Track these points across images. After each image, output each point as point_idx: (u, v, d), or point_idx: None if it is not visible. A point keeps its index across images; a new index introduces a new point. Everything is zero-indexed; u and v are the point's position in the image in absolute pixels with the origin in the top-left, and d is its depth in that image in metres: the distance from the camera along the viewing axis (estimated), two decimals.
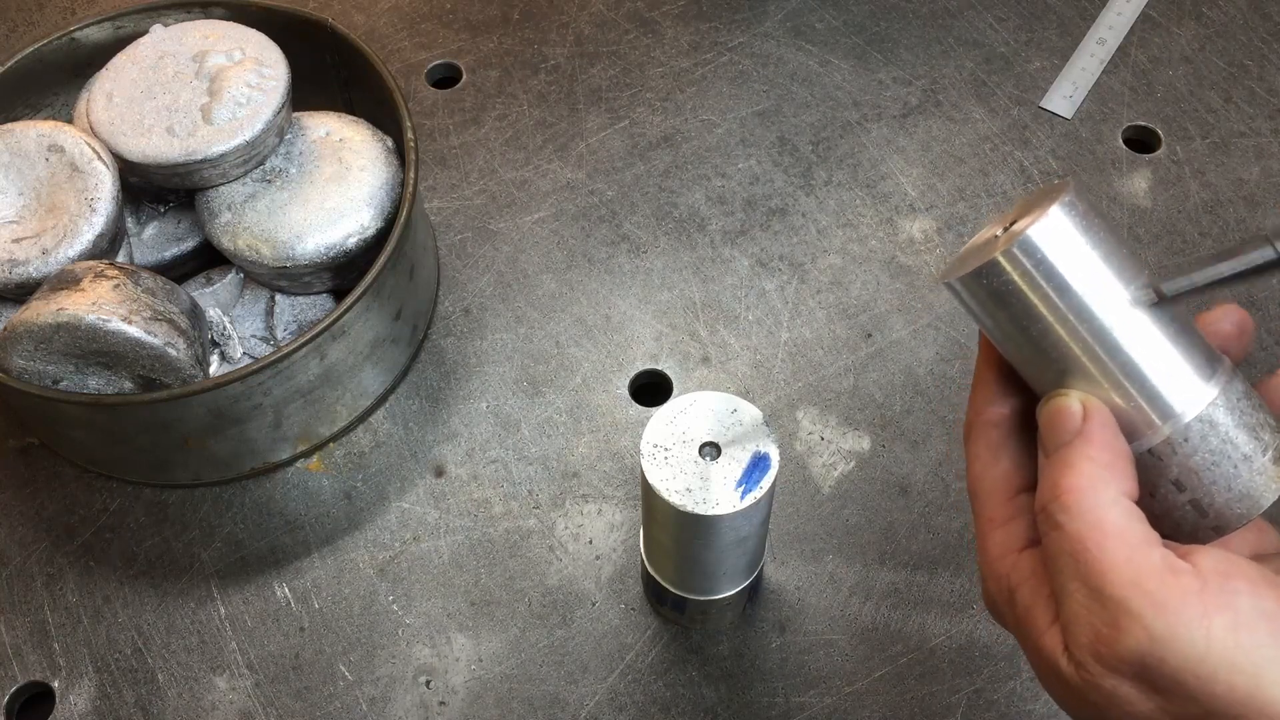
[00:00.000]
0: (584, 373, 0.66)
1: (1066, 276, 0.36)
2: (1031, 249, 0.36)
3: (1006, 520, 0.39)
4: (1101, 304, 0.37)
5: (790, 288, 0.69)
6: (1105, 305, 0.37)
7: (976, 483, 0.40)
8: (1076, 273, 0.36)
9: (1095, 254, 0.37)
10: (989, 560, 0.39)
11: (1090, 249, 0.37)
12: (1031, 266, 0.36)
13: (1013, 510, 0.39)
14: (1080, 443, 0.36)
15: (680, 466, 0.48)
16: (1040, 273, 0.36)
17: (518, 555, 0.61)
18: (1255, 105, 0.76)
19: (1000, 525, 0.39)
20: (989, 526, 0.39)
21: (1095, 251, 0.37)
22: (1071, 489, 0.35)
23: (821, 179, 0.74)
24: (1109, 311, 0.37)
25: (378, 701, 0.57)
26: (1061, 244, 0.36)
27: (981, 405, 0.40)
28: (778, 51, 0.80)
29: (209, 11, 0.68)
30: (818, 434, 0.64)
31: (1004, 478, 0.40)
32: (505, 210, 0.73)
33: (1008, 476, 0.40)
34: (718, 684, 0.57)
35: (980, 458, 0.40)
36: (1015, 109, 0.76)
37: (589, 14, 0.82)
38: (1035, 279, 0.36)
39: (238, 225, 0.62)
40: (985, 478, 0.40)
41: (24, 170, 0.61)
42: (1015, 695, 0.56)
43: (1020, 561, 0.38)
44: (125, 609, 0.60)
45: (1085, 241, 0.37)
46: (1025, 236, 0.36)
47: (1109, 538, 0.35)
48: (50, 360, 0.56)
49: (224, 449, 0.60)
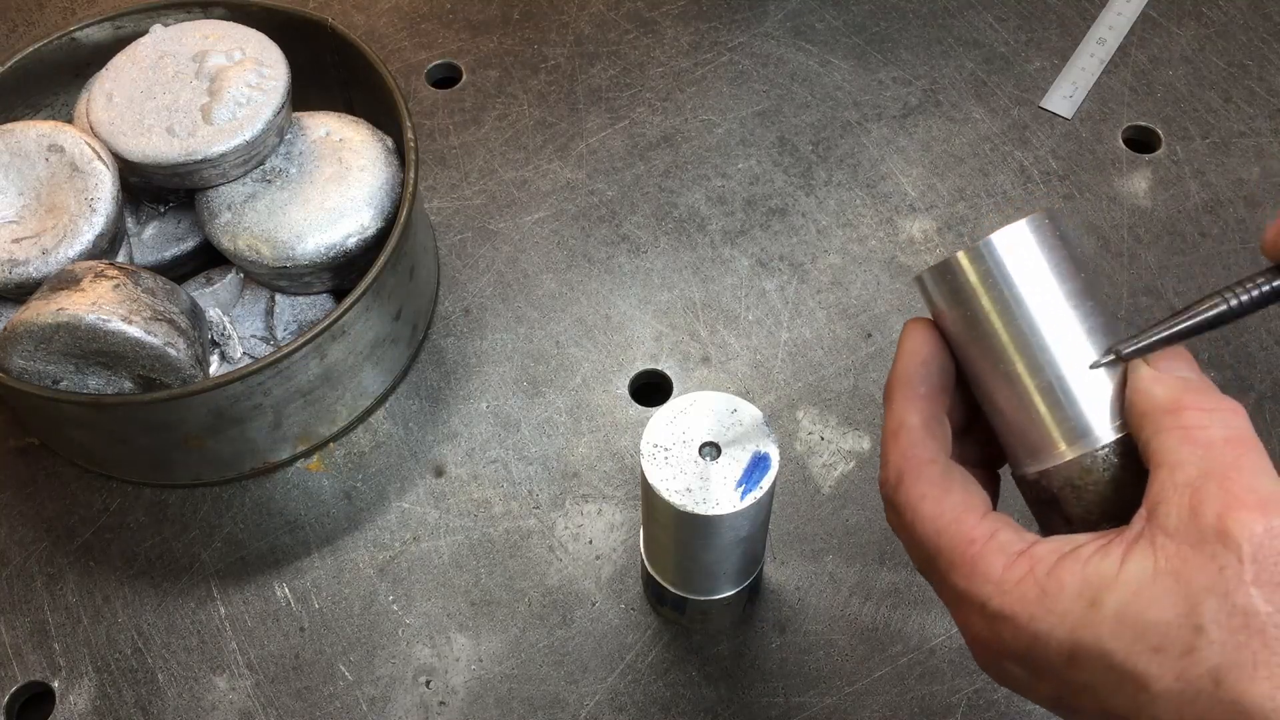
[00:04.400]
0: (584, 373, 0.66)
1: (1017, 285, 0.39)
2: (989, 252, 0.39)
3: (993, 533, 0.37)
4: (1044, 322, 0.38)
5: (790, 288, 0.69)
6: (1048, 324, 0.38)
7: (936, 518, 0.38)
8: (1026, 284, 0.39)
9: (1049, 271, 0.39)
10: (997, 578, 0.36)
11: (1046, 266, 0.39)
12: (985, 269, 0.39)
13: (993, 522, 0.38)
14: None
15: (680, 466, 0.48)
16: (994, 275, 0.39)
17: (518, 555, 0.61)
18: (1255, 105, 0.76)
19: (990, 539, 0.37)
20: (977, 547, 0.37)
21: (1050, 269, 0.39)
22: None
23: (821, 179, 0.74)
24: (1050, 330, 0.38)
25: (378, 701, 0.57)
26: (1019, 254, 0.39)
27: (910, 450, 0.39)
28: (778, 51, 0.80)
29: (209, 11, 0.68)
30: (818, 434, 0.64)
31: (964, 500, 0.38)
32: (505, 210, 0.73)
33: (966, 499, 0.38)
34: (718, 684, 0.57)
35: (929, 495, 0.38)
36: (1015, 109, 0.76)
37: (589, 14, 0.82)
38: (988, 281, 0.39)
39: (238, 225, 0.62)
40: (944, 509, 0.38)
41: (24, 170, 0.61)
42: (1015, 695, 0.56)
43: (1038, 553, 0.36)
44: (125, 609, 0.60)
45: (1043, 257, 0.39)
46: (987, 240, 0.39)
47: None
48: (50, 360, 0.56)
49: (224, 449, 0.60)
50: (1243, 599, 0.32)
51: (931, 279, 0.40)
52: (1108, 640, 0.34)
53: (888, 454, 0.40)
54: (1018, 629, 0.35)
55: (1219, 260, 0.69)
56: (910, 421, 0.40)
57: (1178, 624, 0.33)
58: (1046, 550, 0.36)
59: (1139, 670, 0.33)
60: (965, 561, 0.37)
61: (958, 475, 0.39)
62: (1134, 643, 0.33)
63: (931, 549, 0.38)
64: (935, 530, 0.38)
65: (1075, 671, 0.35)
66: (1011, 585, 0.36)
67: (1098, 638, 0.34)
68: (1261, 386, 0.65)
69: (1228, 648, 0.32)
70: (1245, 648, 0.32)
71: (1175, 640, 0.33)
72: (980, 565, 0.36)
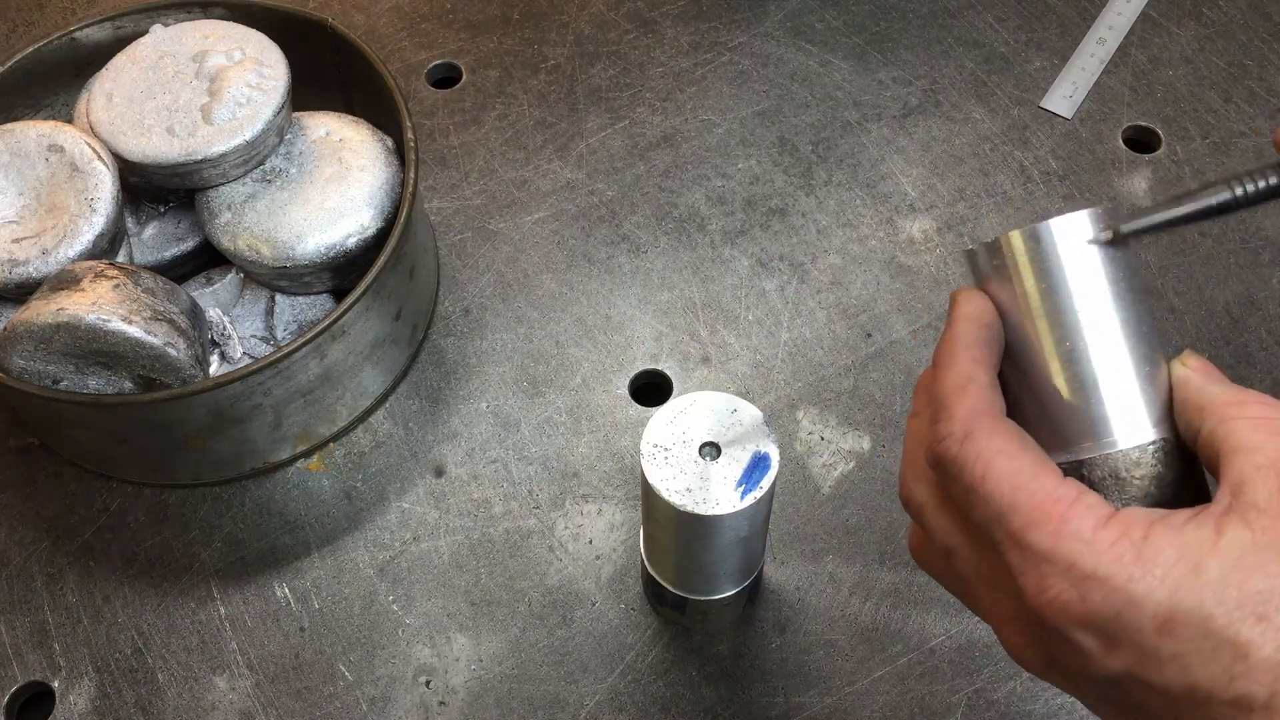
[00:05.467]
0: (584, 373, 0.66)
1: (1077, 273, 0.38)
2: (1046, 235, 0.38)
3: (1080, 493, 0.35)
4: (1101, 313, 0.38)
5: (790, 288, 0.69)
6: (1105, 315, 0.38)
7: (1013, 476, 0.36)
8: (1083, 274, 0.38)
9: (1106, 266, 0.38)
10: (1088, 537, 0.34)
11: (1100, 259, 0.38)
12: (1042, 251, 0.38)
13: (1075, 487, 0.36)
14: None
15: (680, 466, 0.48)
16: (1051, 260, 0.38)
17: (518, 555, 0.61)
18: (1255, 105, 0.76)
19: (1078, 499, 0.35)
20: (1064, 505, 0.35)
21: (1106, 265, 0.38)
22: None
23: (821, 179, 0.74)
24: (1106, 322, 0.38)
25: (378, 701, 0.57)
26: (1079, 243, 0.38)
27: (981, 404, 0.38)
28: (778, 51, 0.80)
29: (209, 11, 0.68)
30: (818, 434, 0.64)
31: (1041, 461, 0.36)
32: (505, 210, 0.73)
33: (1044, 460, 0.36)
34: (718, 684, 0.57)
35: (1005, 451, 0.36)
36: (1015, 109, 0.76)
37: (589, 14, 0.82)
38: (1045, 264, 0.38)
39: (238, 225, 0.62)
40: (1022, 468, 0.36)
41: (24, 170, 0.61)
42: (1015, 695, 0.56)
43: (1130, 517, 0.35)
44: (125, 609, 0.60)
45: (1097, 250, 0.38)
46: (1047, 223, 0.38)
47: None
48: (50, 360, 0.56)
49: (224, 449, 0.60)
50: None
51: (986, 254, 0.39)
52: (1210, 605, 0.33)
53: (954, 408, 0.37)
54: (1111, 590, 0.34)
55: (1219, 260, 0.69)
56: (980, 378, 0.38)
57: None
58: (1138, 515, 0.35)
59: (1241, 637, 0.32)
60: (1052, 519, 0.35)
61: (1030, 439, 0.38)
62: (1237, 609, 0.33)
63: (1005, 505, 0.36)
64: (1012, 486, 0.36)
65: (1167, 639, 0.33)
66: (1106, 546, 0.34)
67: (1200, 602, 0.33)
68: (1261, 386, 0.65)
69: None
70: None
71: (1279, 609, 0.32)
72: (1071, 523, 0.35)
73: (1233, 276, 0.69)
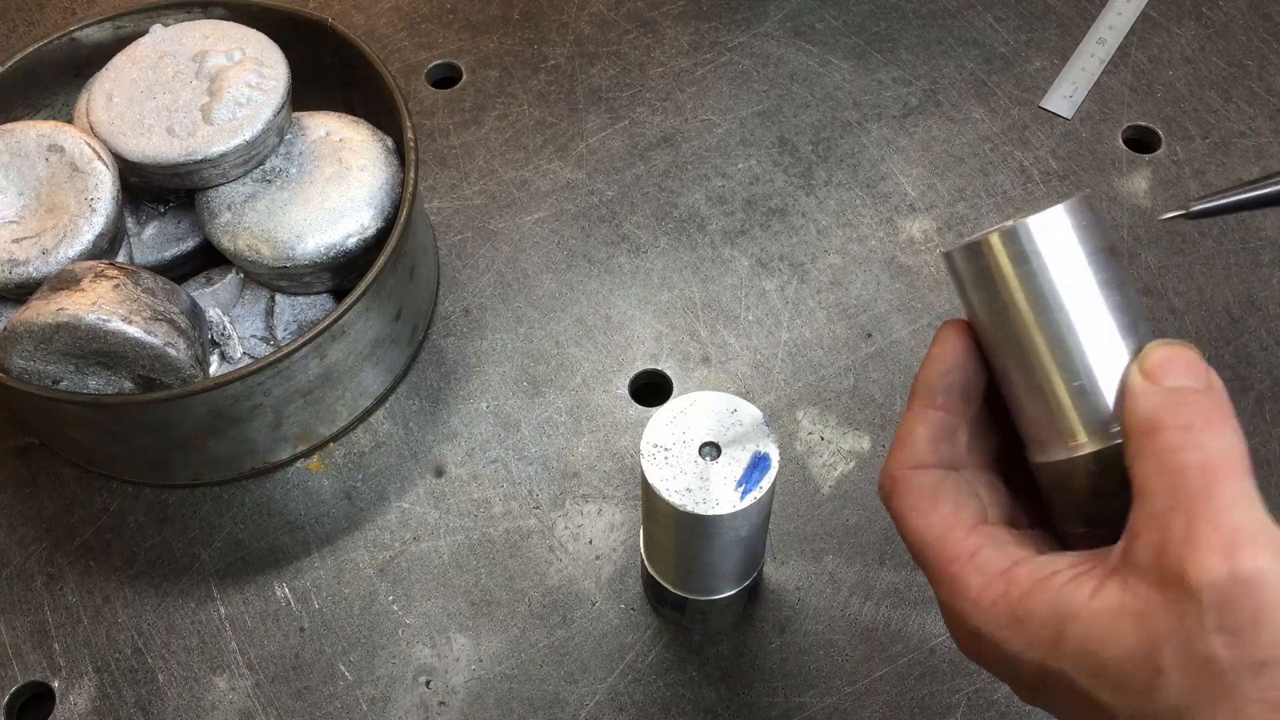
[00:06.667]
0: (584, 373, 0.66)
1: (1039, 274, 0.38)
2: (1025, 235, 0.38)
3: (974, 551, 0.37)
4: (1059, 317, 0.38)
5: (790, 288, 0.69)
6: (1063, 319, 0.38)
7: (923, 531, 0.39)
8: (1059, 268, 0.38)
9: (1082, 256, 0.38)
10: (973, 598, 0.37)
11: (1080, 252, 0.38)
12: (1018, 252, 0.38)
13: (978, 539, 0.38)
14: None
15: (680, 466, 0.48)
16: (1028, 259, 0.38)
17: (518, 555, 0.61)
18: (1255, 105, 0.76)
19: (970, 558, 0.37)
20: (958, 565, 0.37)
21: (1083, 255, 0.38)
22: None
23: (821, 179, 0.74)
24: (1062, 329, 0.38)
25: (378, 701, 0.57)
26: (1054, 239, 0.38)
27: (906, 460, 0.40)
28: (778, 51, 0.80)
29: (209, 11, 0.68)
30: (818, 434, 0.64)
31: (953, 514, 0.39)
32: (505, 210, 0.73)
33: (956, 513, 0.39)
34: (718, 684, 0.57)
35: (918, 508, 0.39)
36: (1015, 109, 0.76)
37: (589, 14, 0.82)
38: (1013, 267, 0.38)
39: (238, 225, 0.62)
40: (932, 523, 0.39)
41: (24, 170, 0.61)
42: (1015, 696, 0.56)
43: (1016, 575, 0.36)
44: (125, 609, 0.60)
45: (1078, 244, 0.38)
46: (1023, 223, 0.38)
47: None
48: (50, 360, 0.56)
49: (224, 449, 0.60)
50: (1202, 646, 0.32)
51: (961, 257, 0.39)
52: (1071, 671, 0.34)
53: (891, 456, 0.41)
54: (993, 647, 0.36)
55: (1219, 260, 0.69)
56: (916, 433, 0.40)
57: (1138, 664, 0.33)
58: (1024, 573, 0.36)
59: (1102, 701, 0.34)
60: (945, 578, 0.38)
61: (950, 487, 0.39)
62: (1095, 677, 0.34)
63: (918, 557, 0.39)
64: (921, 542, 0.39)
65: (1046, 692, 0.36)
66: (986, 606, 0.36)
67: (1062, 669, 0.34)
68: (1261, 386, 0.65)
69: (1187, 690, 0.32)
70: (1205, 690, 0.32)
71: (1135, 679, 0.33)
72: (959, 583, 0.37)
73: (1233, 276, 0.69)
